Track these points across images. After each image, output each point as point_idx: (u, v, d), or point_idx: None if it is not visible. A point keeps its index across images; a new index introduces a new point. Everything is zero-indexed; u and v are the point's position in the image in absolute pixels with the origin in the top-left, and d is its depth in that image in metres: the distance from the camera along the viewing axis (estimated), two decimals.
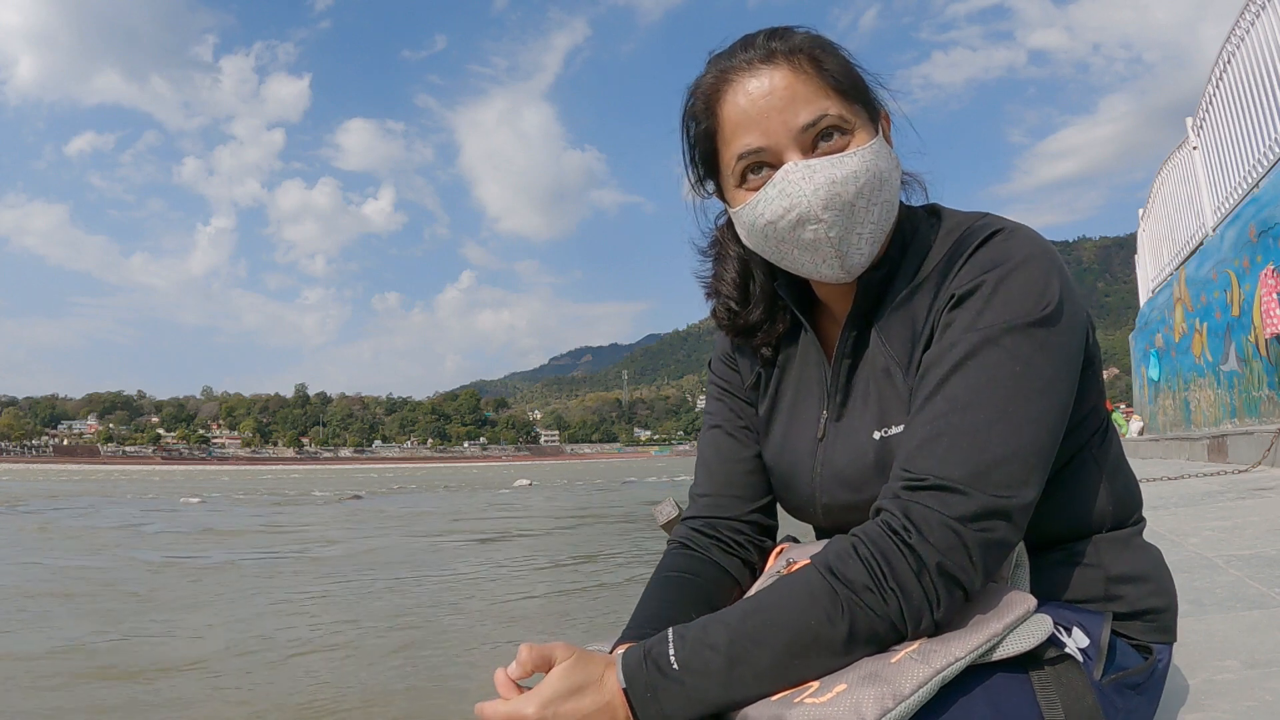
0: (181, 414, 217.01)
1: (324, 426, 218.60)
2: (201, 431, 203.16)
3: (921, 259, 0.84)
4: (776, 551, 0.94)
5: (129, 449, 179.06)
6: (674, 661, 0.67)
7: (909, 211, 0.88)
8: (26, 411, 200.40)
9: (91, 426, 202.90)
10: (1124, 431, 13.63)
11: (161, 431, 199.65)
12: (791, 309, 0.93)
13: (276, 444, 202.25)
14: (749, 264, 0.95)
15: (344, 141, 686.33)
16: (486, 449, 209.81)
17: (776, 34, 0.82)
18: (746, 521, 0.97)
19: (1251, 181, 6.94)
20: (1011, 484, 0.70)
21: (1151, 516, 3.09)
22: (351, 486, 28.90)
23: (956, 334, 0.75)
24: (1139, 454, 9.24)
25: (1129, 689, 0.77)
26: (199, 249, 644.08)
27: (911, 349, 0.81)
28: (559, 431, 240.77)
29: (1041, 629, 0.68)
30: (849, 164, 0.78)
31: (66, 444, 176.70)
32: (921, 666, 0.64)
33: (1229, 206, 7.63)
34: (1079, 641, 0.74)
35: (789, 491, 0.94)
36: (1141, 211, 12.68)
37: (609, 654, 0.72)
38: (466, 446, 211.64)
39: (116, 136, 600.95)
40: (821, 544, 0.88)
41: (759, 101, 0.80)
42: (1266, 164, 6.57)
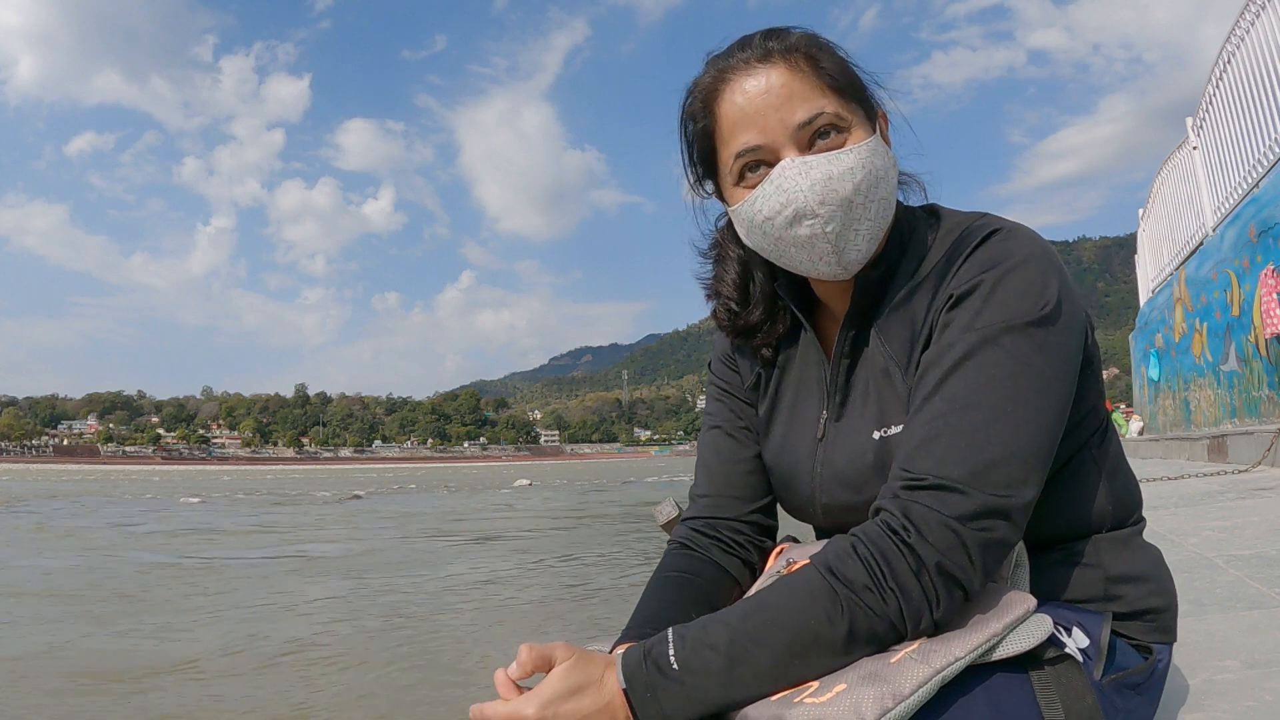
0: (181, 414, 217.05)
1: (324, 426, 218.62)
2: (201, 431, 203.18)
3: (920, 259, 0.84)
4: (776, 552, 0.94)
5: (129, 449, 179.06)
6: (674, 661, 0.67)
7: (907, 211, 0.88)
8: (26, 411, 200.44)
9: (91, 426, 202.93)
10: (1124, 431, 13.63)
11: (161, 431, 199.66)
12: (791, 309, 0.93)
13: (276, 444, 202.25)
14: (749, 265, 0.95)
15: (344, 141, 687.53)
16: (486, 449, 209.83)
17: (773, 34, 0.83)
18: (746, 522, 0.97)
19: (1251, 181, 6.94)
20: (1011, 483, 0.70)
21: (1151, 516, 3.09)
22: (351, 486, 28.89)
23: (955, 334, 0.75)
24: (1139, 454, 9.24)
25: (1129, 689, 0.77)
26: (199, 249, 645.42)
27: (911, 349, 0.81)
28: (559, 431, 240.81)
29: (1041, 629, 0.68)
30: (845, 161, 0.79)
31: (66, 444, 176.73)
32: (921, 666, 0.64)
33: (1229, 206, 7.64)
34: (1079, 641, 0.74)
35: (789, 491, 0.94)
36: (1141, 211, 12.69)
37: (609, 654, 0.72)
38: (466, 446, 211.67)
39: (116, 136, 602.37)
40: (821, 544, 0.88)
41: (756, 100, 0.80)
42: (1266, 164, 6.58)
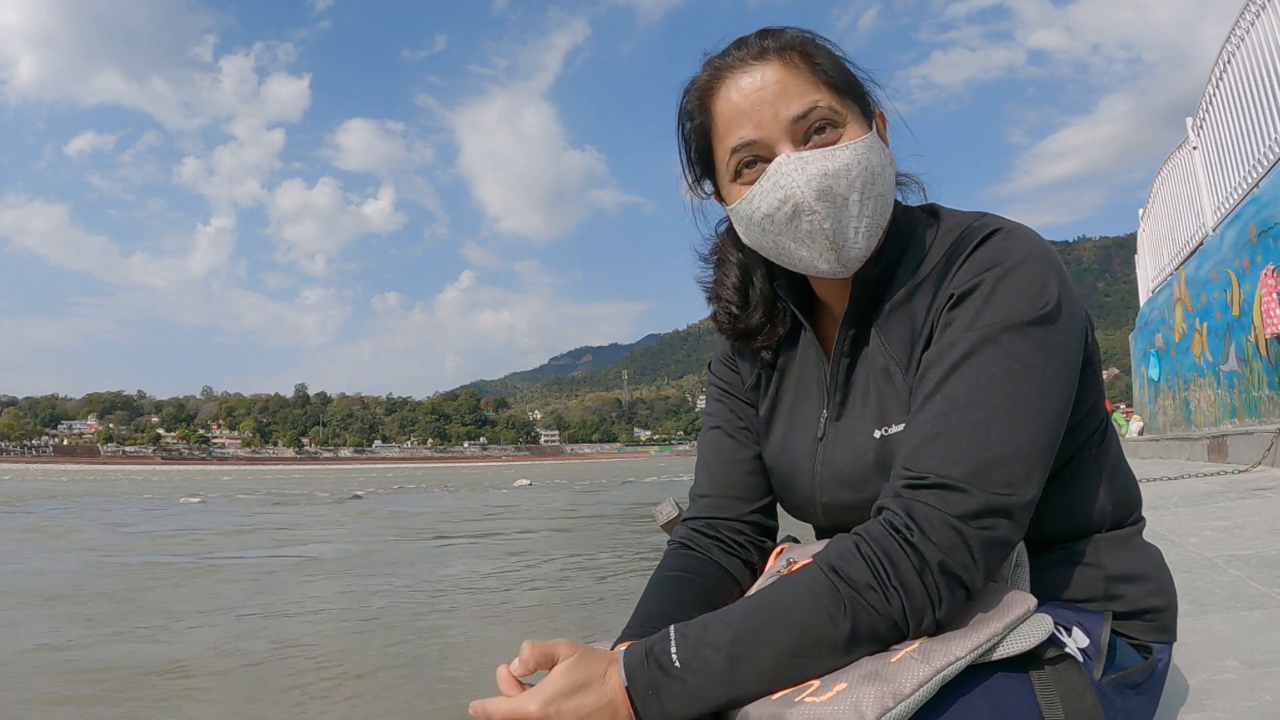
0: (181, 414, 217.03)
1: (324, 426, 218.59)
2: (201, 431, 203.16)
3: (920, 258, 0.84)
4: (776, 552, 0.94)
5: (129, 449, 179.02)
6: (675, 660, 0.67)
7: (907, 211, 0.88)
8: (26, 411, 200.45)
9: (91, 426, 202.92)
10: (1124, 431, 13.63)
11: (161, 431, 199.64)
12: (791, 308, 0.93)
13: (276, 444, 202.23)
14: (749, 269, 0.96)
15: (344, 141, 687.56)
16: (486, 449, 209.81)
17: (769, 33, 0.83)
18: (747, 522, 0.97)
19: (1251, 181, 6.94)
20: (1012, 482, 0.70)
21: (1151, 516, 3.09)
22: (351, 486, 28.88)
23: (956, 333, 0.75)
24: (1139, 454, 9.24)
25: (1129, 688, 0.77)
26: (199, 249, 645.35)
27: (911, 348, 0.81)
28: (559, 431, 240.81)
29: (1041, 629, 0.68)
30: (841, 156, 0.79)
31: (66, 444, 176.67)
32: (922, 666, 0.64)
33: (1229, 206, 7.64)
34: (1079, 641, 0.75)
35: (789, 491, 0.94)
36: (1141, 211, 12.68)
37: (611, 652, 0.72)
38: (466, 446, 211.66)
39: (116, 137, 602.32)
40: (822, 544, 0.88)
41: (751, 95, 0.81)
42: (1266, 164, 6.58)
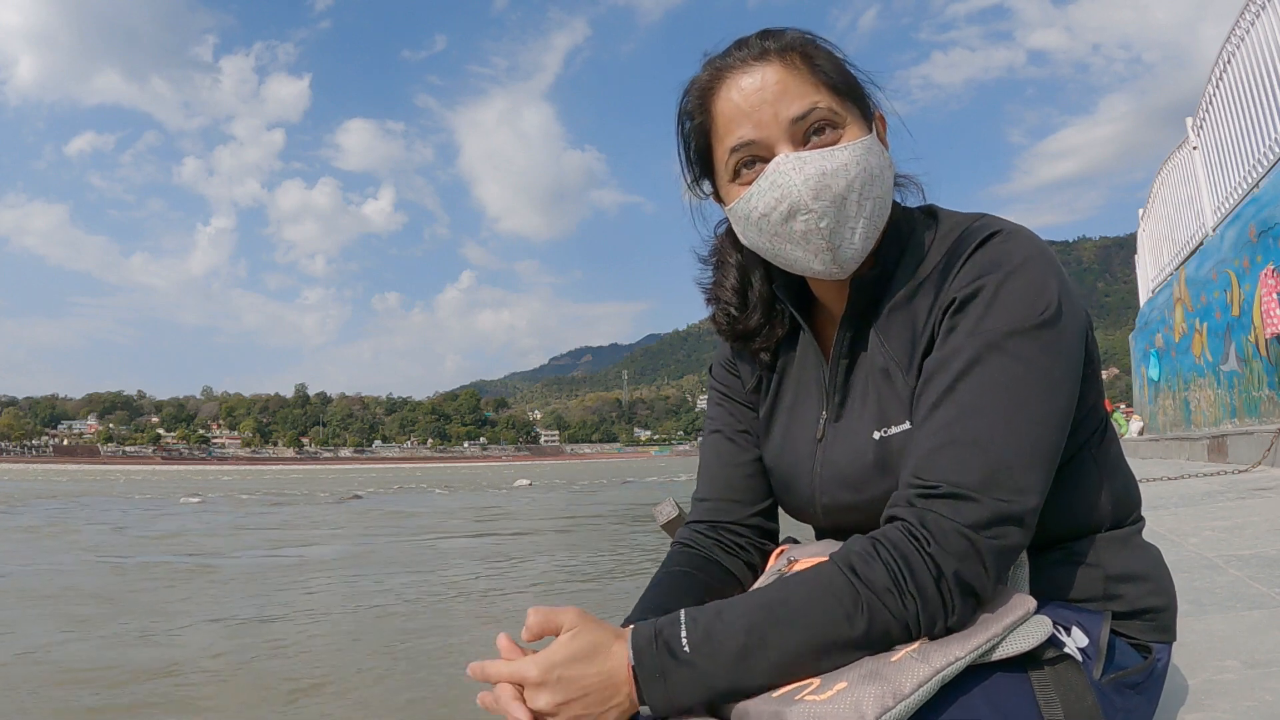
0: (181, 414, 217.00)
1: (324, 426, 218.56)
2: (201, 431, 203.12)
3: (919, 259, 0.84)
4: (777, 552, 0.94)
5: (129, 449, 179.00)
6: (685, 644, 0.67)
7: (905, 212, 0.89)
8: (26, 411, 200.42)
9: (91, 426, 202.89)
10: (1124, 431, 13.63)
11: (161, 431, 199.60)
12: (790, 310, 0.93)
13: (276, 444, 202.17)
14: (747, 271, 0.96)
15: (344, 141, 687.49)
16: (486, 449, 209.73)
17: (770, 34, 0.83)
18: (748, 525, 0.98)
19: (1251, 181, 6.94)
20: (1022, 489, 0.70)
21: (1151, 516, 3.09)
22: (351, 486, 28.88)
23: (960, 339, 0.75)
24: (1139, 454, 9.24)
25: (1128, 688, 0.77)
26: (199, 249, 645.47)
27: (912, 349, 0.81)
28: (559, 431, 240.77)
29: (1041, 630, 0.68)
30: (840, 157, 0.79)
31: (66, 444, 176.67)
32: (922, 665, 0.64)
33: (1229, 206, 7.63)
34: (1078, 641, 0.75)
35: (789, 493, 0.94)
36: (1141, 211, 12.68)
37: (619, 627, 0.71)
38: (466, 446, 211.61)
39: (116, 137, 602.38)
40: (823, 544, 0.88)
41: (751, 96, 0.81)
42: (1266, 164, 6.57)
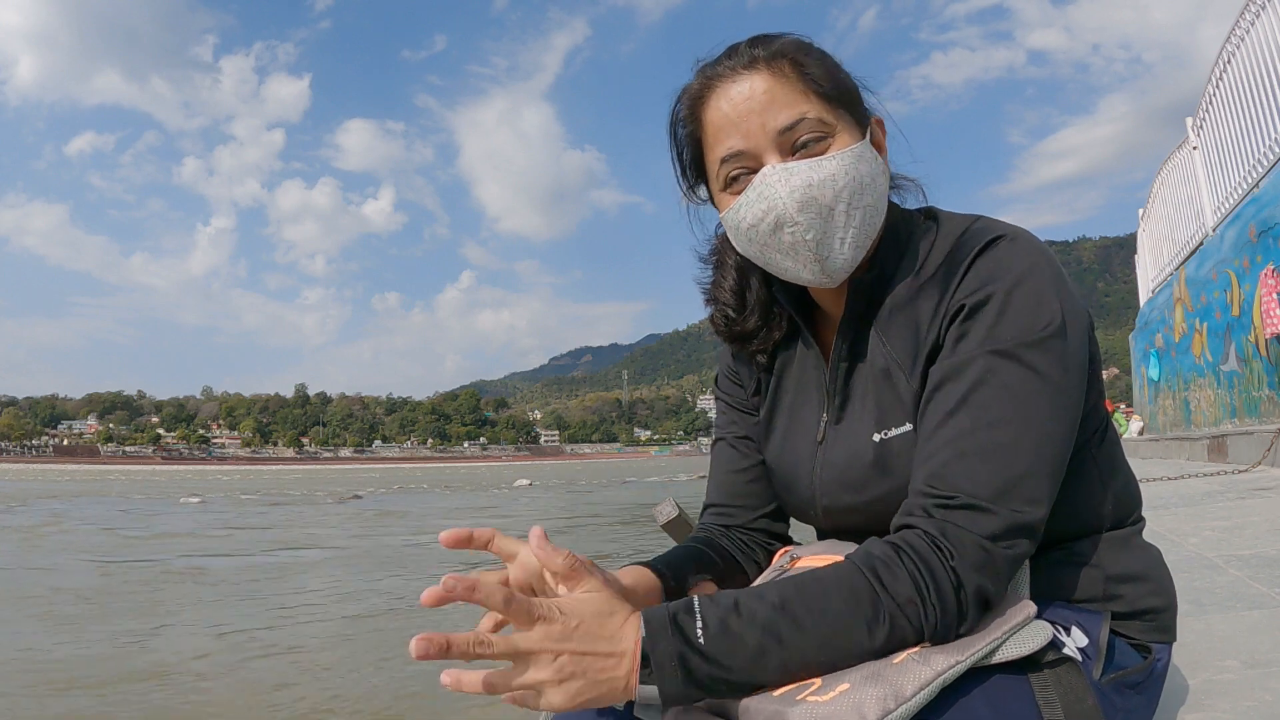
0: (181, 414, 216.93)
1: (324, 426, 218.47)
2: (201, 431, 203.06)
3: (920, 261, 0.84)
4: (781, 551, 0.94)
5: (129, 449, 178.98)
6: (700, 636, 0.65)
7: (905, 214, 0.88)
8: (26, 411, 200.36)
9: (91, 426, 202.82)
10: (1124, 431, 13.62)
11: (161, 431, 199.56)
12: (789, 312, 0.93)
13: (276, 444, 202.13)
14: (746, 272, 0.96)
15: (344, 141, 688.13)
16: (486, 449, 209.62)
17: (759, 41, 0.83)
18: (755, 529, 1.00)
19: (1251, 181, 6.94)
20: (1034, 499, 0.71)
21: (1151, 516, 3.09)
22: (351, 486, 28.88)
23: (972, 348, 0.75)
24: (1139, 454, 9.24)
25: (1128, 688, 0.77)
26: (199, 249, 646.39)
27: (915, 351, 0.81)
28: (559, 431, 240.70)
29: (1041, 635, 0.68)
30: (827, 167, 0.79)
31: (66, 444, 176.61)
32: (923, 668, 0.64)
33: (1229, 206, 7.63)
34: (1078, 641, 0.75)
35: (790, 494, 0.94)
36: (1141, 211, 12.68)
37: (630, 608, 0.68)
38: (466, 446, 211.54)
39: (116, 137, 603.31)
40: (824, 544, 0.88)
41: (740, 106, 0.80)
42: (1266, 164, 6.57)
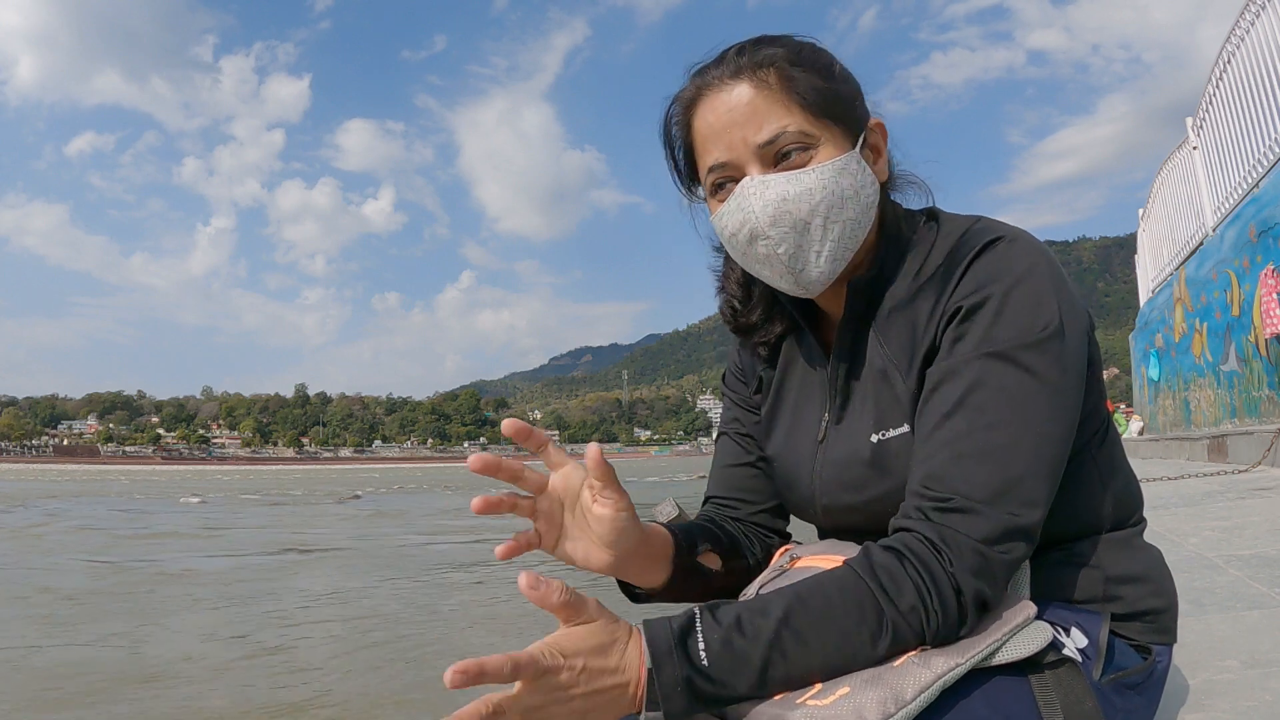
0: (181, 414, 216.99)
1: (324, 426, 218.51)
2: (201, 431, 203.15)
3: (919, 263, 0.84)
4: (781, 550, 0.94)
5: (129, 449, 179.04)
6: (704, 656, 0.64)
7: (907, 214, 0.89)
8: (26, 411, 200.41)
9: (91, 426, 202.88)
10: (1124, 431, 13.62)
11: (161, 431, 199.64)
12: (790, 310, 0.94)
13: (276, 444, 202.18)
14: None
15: (344, 142, 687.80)
16: (487, 449, 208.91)
17: (748, 49, 0.82)
18: (753, 523, 1.01)
19: (1251, 181, 6.94)
20: (1030, 502, 0.71)
21: (1151, 516, 3.09)
22: (351, 486, 28.89)
23: (968, 350, 0.75)
24: (1139, 454, 9.24)
25: (1128, 689, 0.77)
26: (199, 249, 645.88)
27: (911, 352, 0.81)
28: (559, 431, 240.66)
29: (1040, 636, 0.69)
30: (804, 181, 0.79)
31: (66, 444, 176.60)
32: (923, 671, 0.64)
33: (1229, 206, 7.63)
34: (1077, 641, 0.75)
35: (791, 492, 0.95)
36: (1141, 211, 12.67)
37: (629, 624, 0.68)
38: (466, 446, 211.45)
39: (116, 137, 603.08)
40: (825, 544, 0.88)
41: (723, 117, 0.81)
42: (1266, 164, 6.57)
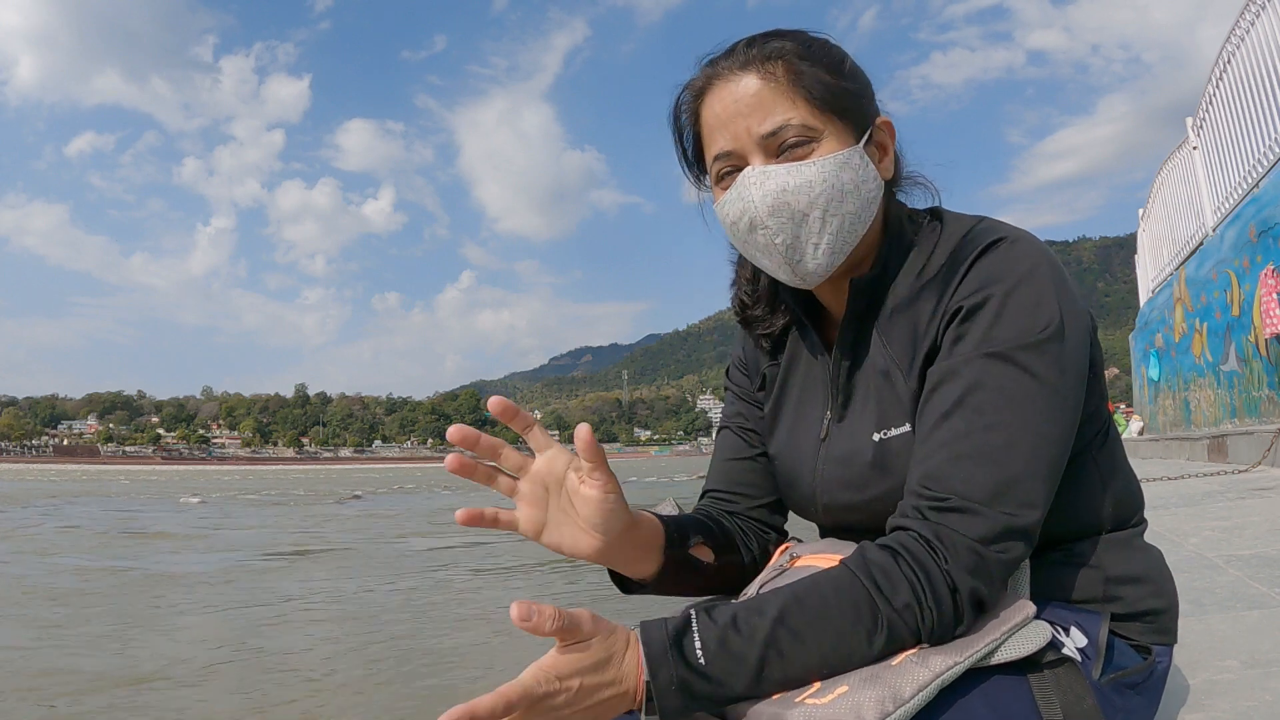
0: (181, 414, 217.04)
1: (324, 426, 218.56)
2: (201, 431, 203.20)
3: (922, 262, 0.84)
4: (781, 549, 0.94)
5: (129, 449, 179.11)
6: (700, 656, 0.65)
7: (911, 214, 0.89)
8: (26, 411, 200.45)
9: (91, 426, 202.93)
10: (1124, 431, 13.63)
11: (161, 431, 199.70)
12: (793, 308, 0.94)
13: (276, 444, 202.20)
14: None
15: (344, 142, 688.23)
16: None
17: (758, 41, 0.83)
18: (751, 517, 1.01)
19: (1251, 181, 6.94)
20: (1028, 503, 0.71)
21: (1151, 516, 3.09)
22: (351, 486, 28.89)
23: (968, 350, 0.75)
24: (1139, 454, 9.25)
25: (1128, 688, 0.77)
26: (199, 249, 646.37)
27: (913, 352, 0.81)
28: (559, 432, 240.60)
29: (1040, 636, 0.68)
30: (805, 173, 0.79)
31: (66, 444, 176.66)
32: (921, 670, 0.64)
33: (1229, 206, 7.63)
34: (1077, 641, 0.75)
35: (792, 489, 0.95)
36: (1141, 211, 12.67)
37: (626, 629, 0.68)
38: None
39: (116, 137, 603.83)
40: (826, 543, 0.88)
41: (730, 107, 0.82)
42: (1266, 164, 6.57)
